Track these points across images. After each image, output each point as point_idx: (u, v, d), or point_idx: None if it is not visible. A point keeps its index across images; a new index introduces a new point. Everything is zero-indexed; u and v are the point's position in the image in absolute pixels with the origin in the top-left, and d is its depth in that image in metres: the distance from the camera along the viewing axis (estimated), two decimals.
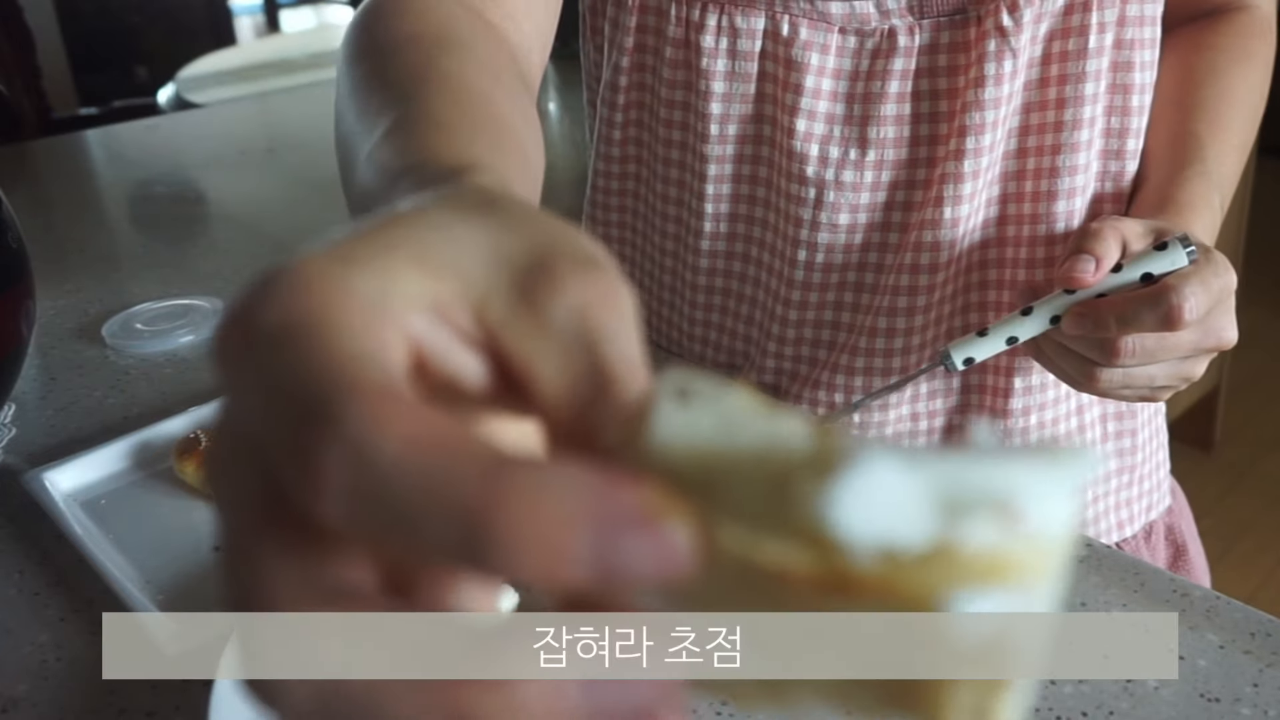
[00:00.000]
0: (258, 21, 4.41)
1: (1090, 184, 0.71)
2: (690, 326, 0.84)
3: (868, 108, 0.70)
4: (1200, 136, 0.71)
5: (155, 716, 0.51)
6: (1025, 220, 0.71)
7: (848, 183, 0.71)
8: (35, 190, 1.43)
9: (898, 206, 0.72)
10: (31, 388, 0.84)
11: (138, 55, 3.91)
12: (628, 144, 0.81)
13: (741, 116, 0.73)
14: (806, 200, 0.71)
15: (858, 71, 0.69)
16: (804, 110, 0.70)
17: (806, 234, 0.72)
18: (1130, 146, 0.71)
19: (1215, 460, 2.47)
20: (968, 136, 0.68)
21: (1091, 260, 0.57)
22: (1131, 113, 0.71)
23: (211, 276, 1.06)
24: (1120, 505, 0.81)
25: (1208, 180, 0.68)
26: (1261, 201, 2.20)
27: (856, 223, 0.72)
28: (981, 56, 0.67)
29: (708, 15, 0.71)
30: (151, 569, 0.60)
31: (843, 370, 0.76)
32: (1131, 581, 0.55)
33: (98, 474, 0.69)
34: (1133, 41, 0.69)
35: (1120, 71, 0.70)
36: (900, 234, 0.72)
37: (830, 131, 0.70)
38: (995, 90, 0.67)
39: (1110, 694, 0.48)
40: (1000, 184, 0.71)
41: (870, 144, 0.70)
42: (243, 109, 2.06)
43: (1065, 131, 0.69)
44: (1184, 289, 0.55)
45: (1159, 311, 0.55)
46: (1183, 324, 0.56)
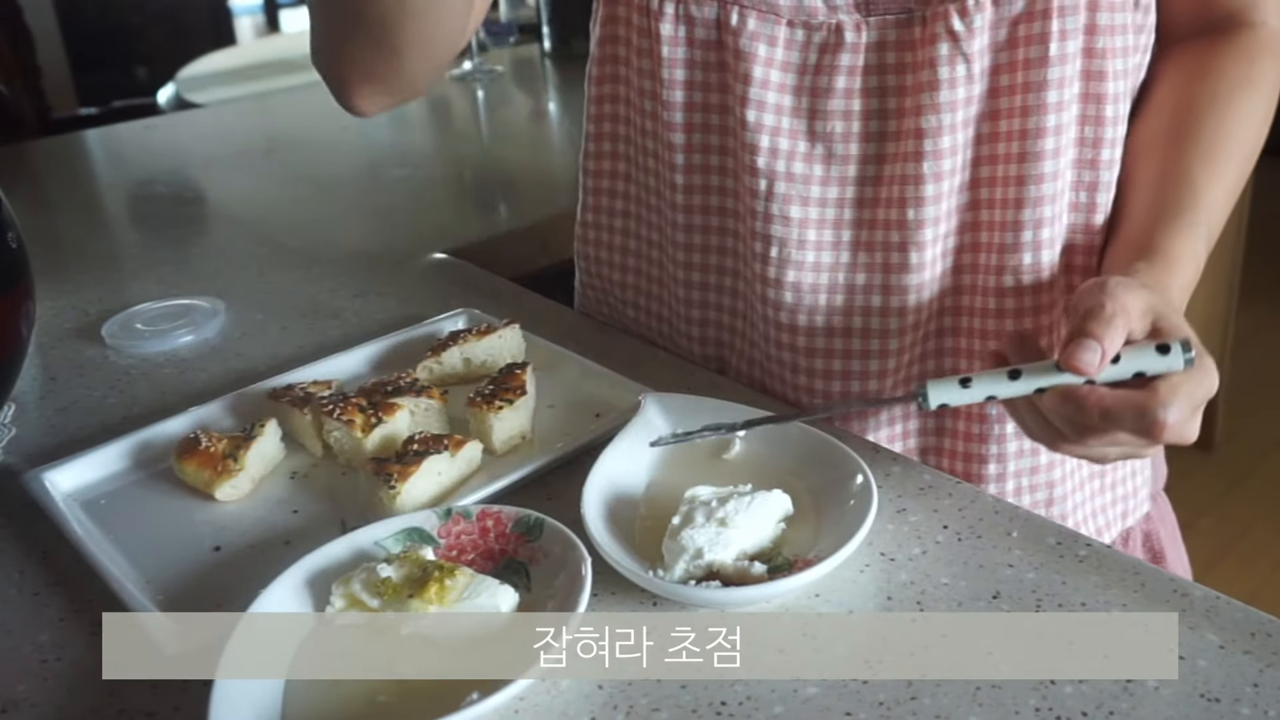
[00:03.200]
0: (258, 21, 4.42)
1: (1064, 193, 0.71)
2: (677, 321, 0.85)
3: (815, 101, 0.71)
4: (1195, 178, 0.69)
5: (155, 716, 0.51)
6: (995, 227, 0.71)
7: (798, 174, 0.72)
8: (35, 190, 1.43)
9: (850, 203, 0.73)
10: (31, 388, 0.84)
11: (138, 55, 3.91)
12: (603, 140, 0.84)
13: (705, 105, 0.75)
14: (759, 192, 0.73)
15: (805, 65, 0.71)
16: (753, 101, 0.71)
17: (761, 226, 0.74)
18: (1105, 156, 0.71)
19: (1215, 460, 2.47)
20: (925, 139, 0.68)
21: (1098, 351, 0.55)
22: (1105, 123, 0.70)
23: (211, 276, 1.06)
24: (1096, 512, 0.81)
25: (1197, 232, 0.67)
26: (1261, 201, 2.19)
27: (808, 217, 0.73)
28: (934, 59, 0.67)
29: (665, 4, 0.73)
30: (151, 569, 0.60)
31: (819, 372, 0.76)
32: (1131, 581, 0.55)
33: (98, 474, 0.69)
34: (1104, 50, 0.69)
35: (1092, 81, 0.69)
36: (856, 231, 0.73)
37: (779, 123, 0.72)
38: (950, 94, 0.68)
39: (1110, 694, 0.49)
40: (970, 191, 0.72)
41: (818, 137, 0.72)
42: (242, 109, 2.06)
43: (1030, 140, 0.69)
44: (1171, 404, 0.54)
45: (1143, 422, 0.54)
46: (1161, 440, 0.55)
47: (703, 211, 0.78)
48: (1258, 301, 2.92)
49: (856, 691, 0.49)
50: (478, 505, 0.60)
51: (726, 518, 0.56)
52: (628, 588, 0.56)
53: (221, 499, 0.66)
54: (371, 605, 0.52)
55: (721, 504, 0.57)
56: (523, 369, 0.73)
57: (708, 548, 0.55)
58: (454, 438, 0.66)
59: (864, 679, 0.50)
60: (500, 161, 1.54)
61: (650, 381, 0.76)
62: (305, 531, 0.63)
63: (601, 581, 0.55)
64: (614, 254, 0.87)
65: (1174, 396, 0.54)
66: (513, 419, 0.70)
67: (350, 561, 0.56)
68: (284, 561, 0.55)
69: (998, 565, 0.57)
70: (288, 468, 0.70)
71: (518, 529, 0.58)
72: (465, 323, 0.85)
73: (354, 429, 0.68)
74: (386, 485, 0.61)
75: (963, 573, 0.57)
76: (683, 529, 0.56)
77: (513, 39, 2.37)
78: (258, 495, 0.67)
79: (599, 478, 0.62)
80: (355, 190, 1.38)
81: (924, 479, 0.65)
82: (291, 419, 0.71)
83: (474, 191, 1.41)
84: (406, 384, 0.73)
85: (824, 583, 0.56)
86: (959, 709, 0.48)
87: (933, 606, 0.54)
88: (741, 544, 0.56)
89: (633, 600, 0.56)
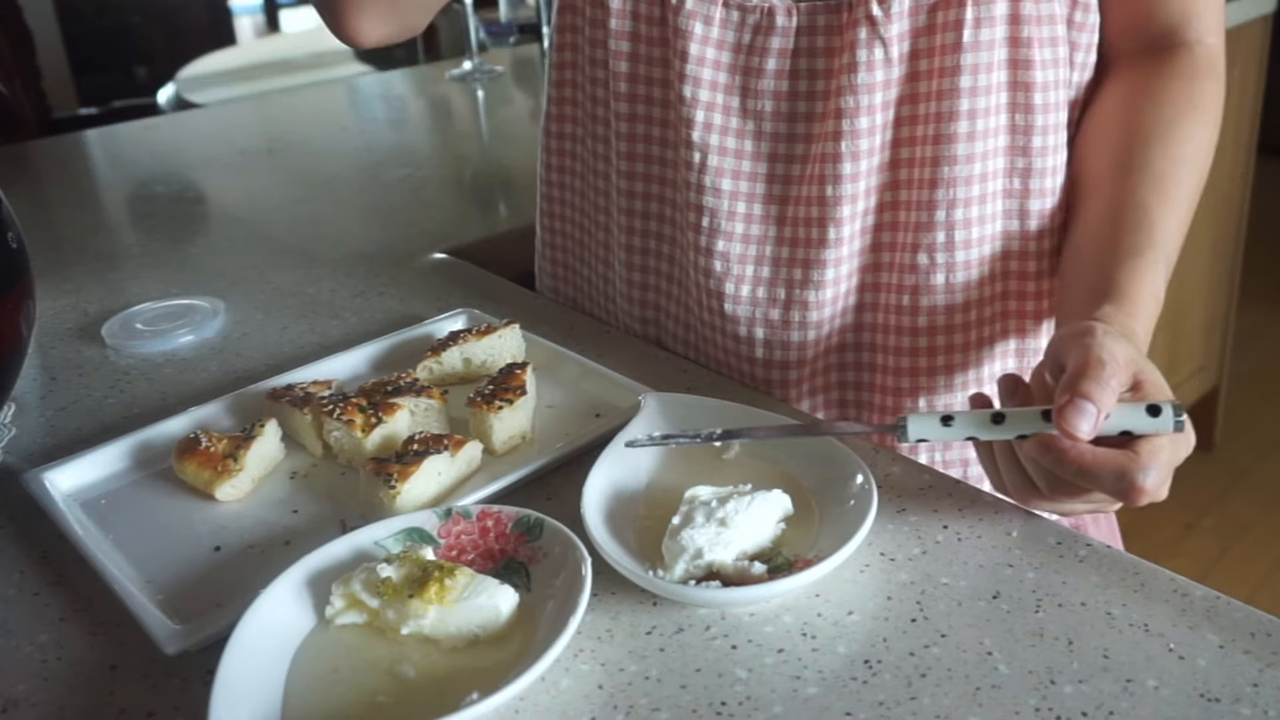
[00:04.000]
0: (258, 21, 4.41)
1: (992, 178, 0.73)
2: (619, 299, 0.88)
3: (748, 80, 0.75)
4: (1149, 210, 0.69)
5: (155, 716, 0.51)
6: (912, 206, 0.74)
7: (730, 149, 0.76)
8: (35, 190, 1.43)
9: (778, 179, 0.76)
10: (31, 388, 0.84)
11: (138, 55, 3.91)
12: (564, 104, 0.87)
13: (648, 79, 0.79)
14: (694, 164, 0.77)
15: (740, 45, 0.75)
16: (690, 77, 0.75)
17: (695, 196, 0.78)
18: (1037, 144, 0.74)
19: (1215, 460, 2.47)
20: (844, 119, 0.72)
21: (1094, 417, 0.53)
22: (1035, 110, 0.73)
23: (211, 276, 1.06)
24: None
25: (1157, 269, 0.67)
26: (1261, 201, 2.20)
27: (739, 190, 0.77)
28: (854, 43, 0.71)
29: None
30: (151, 569, 0.60)
31: (744, 339, 0.80)
32: (1131, 581, 0.55)
33: (98, 474, 0.69)
34: (1030, 40, 0.71)
35: (1019, 69, 0.72)
36: (780, 207, 0.77)
37: (714, 99, 0.76)
38: (868, 76, 0.71)
39: (1110, 694, 0.49)
40: (889, 171, 0.75)
41: (749, 114, 0.76)
42: (243, 109, 2.06)
43: (945, 123, 0.72)
44: (1151, 469, 0.53)
45: (1120, 485, 0.53)
46: (1136, 503, 0.54)
47: (644, 180, 0.82)
48: (1258, 301, 2.92)
49: (856, 691, 0.49)
50: (478, 505, 0.60)
51: (726, 518, 0.56)
52: (628, 588, 0.56)
53: (221, 499, 0.66)
54: (371, 605, 0.52)
55: (721, 504, 0.57)
56: (523, 369, 0.73)
57: (708, 548, 0.55)
58: (454, 438, 0.66)
59: (864, 679, 0.50)
60: (500, 161, 1.54)
61: (650, 381, 0.76)
62: (305, 531, 0.63)
63: (601, 581, 0.55)
64: (568, 224, 0.91)
65: (1154, 460, 0.53)
66: (513, 419, 0.70)
67: (350, 561, 0.56)
68: (284, 561, 0.55)
69: (998, 565, 0.57)
70: (288, 468, 0.70)
71: (518, 529, 0.58)
72: (465, 323, 0.85)
73: (354, 429, 0.68)
74: (386, 485, 0.62)
75: (963, 573, 0.57)
76: (683, 529, 0.56)
77: (513, 39, 2.37)
78: (258, 495, 0.67)
79: (599, 478, 0.62)
80: (355, 190, 1.38)
81: (924, 479, 0.65)
82: (291, 419, 0.71)
83: (474, 191, 1.41)
84: (406, 384, 0.73)
85: (824, 583, 0.56)
86: (959, 709, 0.48)
87: (933, 606, 0.54)
88: (741, 544, 0.56)
89: (633, 600, 0.56)
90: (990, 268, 0.76)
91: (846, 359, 0.80)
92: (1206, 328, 2.35)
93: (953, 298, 0.76)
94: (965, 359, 0.78)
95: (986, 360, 0.79)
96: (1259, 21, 2.14)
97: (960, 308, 0.76)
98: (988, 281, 0.76)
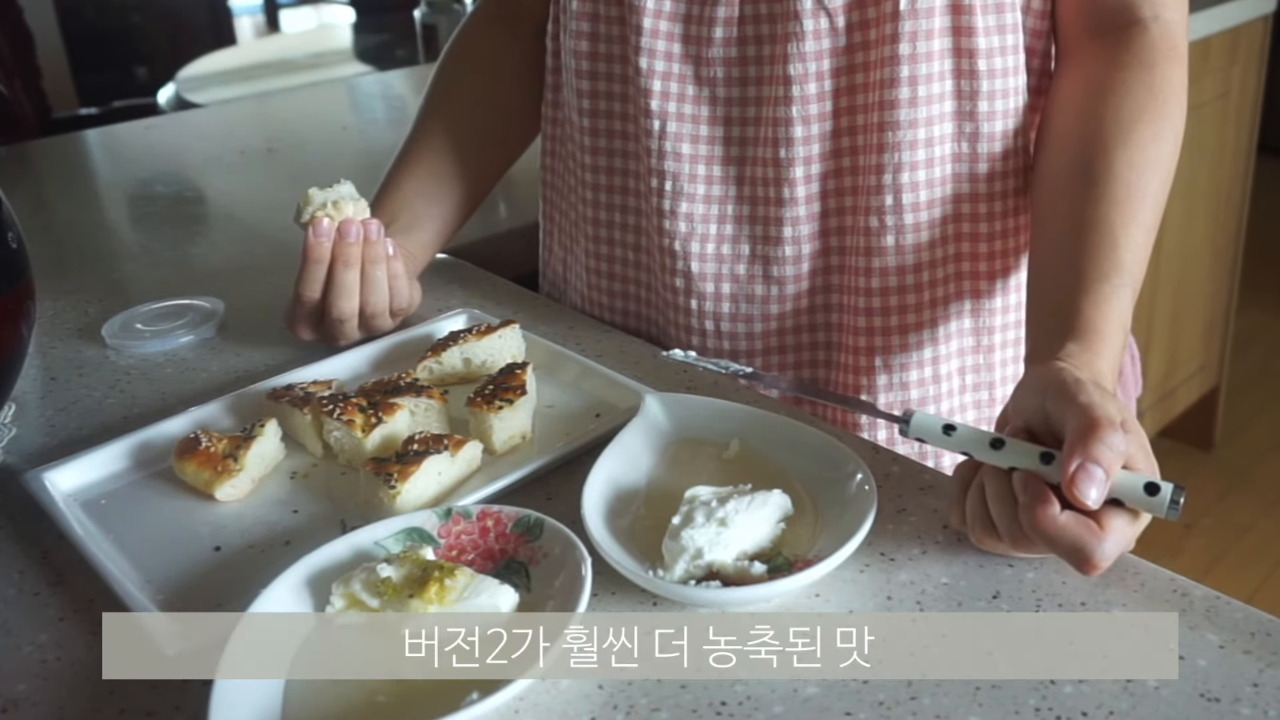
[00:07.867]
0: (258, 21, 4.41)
1: (944, 142, 0.76)
2: (581, 285, 0.90)
3: (700, 49, 0.79)
4: (1113, 228, 0.66)
5: (155, 716, 0.51)
6: (861, 171, 0.78)
7: (688, 115, 0.81)
8: (35, 190, 1.43)
9: (734, 141, 0.81)
10: (31, 388, 0.84)
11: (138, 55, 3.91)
12: (559, 91, 0.90)
13: (608, 56, 0.83)
14: (654, 131, 0.81)
15: (690, 15, 0.79)
16: (645, 49, 0.80)
17: (656, 163, 0.82)
18: (983, 109, 0.76)
19: (1215, 460, 2.47)
20: (792, 85, 0.76)
21: (1105, 486, 0.51)
22: (980, 76, 0.75)
23: (211, 276, 1.06)
24: None
25: (1123, 294, 0.64)
26: (1261, 201, 2.20)
27: (698, 153, 0.81)
28: (799, 12, 0.74)
29: None
30: (151, 569, 0.60)
31: (710, 295, 0.83)
32: (1131, 581, 0.55)
33: (98, 474, 0.69)
34: (971, 7, 0.74)
35: (962, 37, 0.75)
36: (739, 167, 0.81)
37: (669, 69, 0.80)
38: (815, 44, 0.75)
39: (1110, 694, 0.49)
40: (841, 137, 0.78)
41: (704, 82, 0.80)
42: (243, 109, 2.06)
43: (887, 89, 0.75)
44: (1109, 546, 0.51)
45: (1077, 557, 0.51)
46: (1089, 574, 0.52)
47: (607, 154, 0.86)
48: (1258, 301, 2.92)
49: (856, 691, 0.49)
50: (478, 505, 0.60)
51: (726, 518, 0.56)
52: (628, 588, 0.56)
53: (221, 499, 0.66)
54: (371, 605, 0.52)
55: (721, 504, 0.57)
56: (523, 369, 0.73)
57: (708, 548, 0.55)
58: (454, 438, 0.66)
59: (864, 679, 0.50)
60: None
61: (650, 381, 0.76)
62: (305, 531, 0.63)
63: (601, 581, 0.55)
64: (564, 194, 0.93)
65: (1114, 537, 0.51)
66: (513, 419, 0.70)
67: (350, 561, 0.56)
68: (284, 561, 0.55)
69: (998, 565, 0.57)
70: (288, 468, 0.70)
71: (518, 529, 0.58)
72: (465, 323, 0.85)
73: (354, 429, 0.68)
74: (386, 485, 0.61)
75: (963, 573, 0.57)
76: (683, 529, 0.56)
77: None
78: (258, 495, 0.67)
79: (599, 478, 0.62)
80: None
81: (924, 479, 0.65)
82: (291, 419, 0.71)
83: None
84: (406, 384, 0.73)
85: (824, 583, 0.56)
86: (959, 709, 0.48)
87: (933, 606, 0.54)
88: (741, 544, 0.56)
89: (633, 600, 0.56)
90: (941, 230, 0.79)
91: (816, 320, 0.84)
92: (1206, 328, 2.35)
93: (903, 259, 0.79)
94: (919, 318, 0.81)
95: (941, 320, 0.81)
96: (1259, 21, 2.14)
97: (911, 269, 0.79)
98: (939, 244, 0.79)
